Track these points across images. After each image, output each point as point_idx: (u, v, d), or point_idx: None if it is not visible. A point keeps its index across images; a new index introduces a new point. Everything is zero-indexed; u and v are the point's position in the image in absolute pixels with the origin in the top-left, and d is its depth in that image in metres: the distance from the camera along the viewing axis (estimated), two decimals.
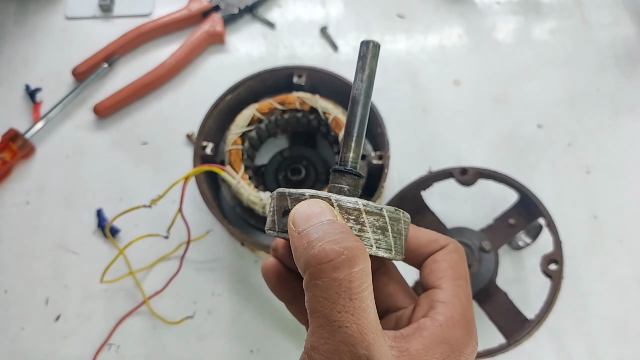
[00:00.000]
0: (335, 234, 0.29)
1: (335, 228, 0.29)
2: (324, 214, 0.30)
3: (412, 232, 0.36)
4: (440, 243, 0.36)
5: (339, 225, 0.30)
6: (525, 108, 0.79)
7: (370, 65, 0.35)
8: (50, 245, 0.74)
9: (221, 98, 0.72)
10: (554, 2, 0.86)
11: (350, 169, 0.34)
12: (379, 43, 0.34)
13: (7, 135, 0.77)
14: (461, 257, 0.36)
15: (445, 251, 0.36)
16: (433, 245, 0.36)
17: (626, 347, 0.65)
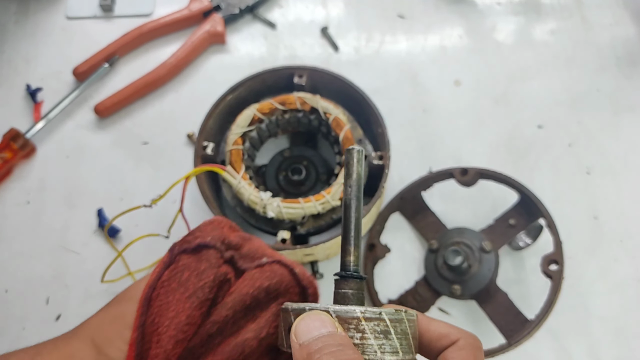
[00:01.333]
0: (334, 346, 0.29)
1: (334, 340, 0.30)
2: (324, 326, 0.31)
3: (423, 326, 0.35)
4: (451, 338, 0.35)
5: (339, 337, 0.30)
6: (526, 108, 0.79)
7: (356, 170, 0.36)
8: (50, 245, 0.74)
9: (222, 98, 0.73)
10: (554, 3, 0.86)
11: (352, 273, 0.35)
12: (362, 149, 0.36)
13: (7, 135, 0.77)
14: (474, 353, 0.34)
15: (455, 348, 0.34)
16: (444, 340, 0.35)
17: (626, 347, 0.65)
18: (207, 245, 0.40)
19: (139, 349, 0.37)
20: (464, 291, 0.65)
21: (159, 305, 0.38)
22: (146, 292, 0.39)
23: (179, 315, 0.37)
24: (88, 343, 0.38)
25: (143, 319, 0.38)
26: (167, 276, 0.39)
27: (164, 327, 0.37)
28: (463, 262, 0.64)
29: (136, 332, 0.37)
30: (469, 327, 0.67)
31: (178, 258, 0.39)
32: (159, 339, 0.37)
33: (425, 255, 0.69)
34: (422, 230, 0.72)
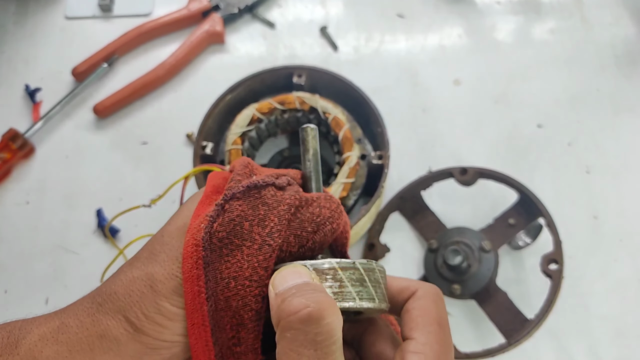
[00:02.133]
0: (306, 291, 0.30)
1: (308, 286, 0.30)
2: (300, 277, 0.31)
3: (387, 282, 0.36)
4: (410, 290, 0.35)
5: (313, 284, 0.31)
6: (525, 108, 0.79)
7: (312, 145, 0.38)
8: (50, 245, 0.74)
9: (221, 98, 0.72)
10: (554, 2, 0.86)
11: None
12: (315, 126, 0.39)
13: (6, 135, 0.77)
14: (433, 300, 0.34)
15: (414, 298, 0.35)
16: (404, 293, 0.35)
17: (626, 347, 0.65)
18: (257, 184, 0.34)
19: (214, 321, 0.31)
20: (464, 291, 0.65)
21: (227, 268, 0.32)
22: (203, 255, 0.32)
23: (256, 269, 0.32)
24: (120, 319, 0.32)
25: (212, 287, 0.32)
26: (223, 231, 0.32)
27: (241, 282, 0.31)
28: (463, 261, 0.64)
29: (206, 304, 0.31)
30: (469, 326, 0.67)
31: (228, 207, 0.33)
32: (240, 266, 0.31)
33: (425, 255, 0.69)
34: (421, 229, 0.71)
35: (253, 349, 0.32)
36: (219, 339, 0.32)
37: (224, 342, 0.32)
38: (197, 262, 0.32)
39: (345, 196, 0.66)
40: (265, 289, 0.32)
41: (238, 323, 0.32)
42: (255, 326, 0.32)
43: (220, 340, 0.32)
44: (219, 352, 0.32)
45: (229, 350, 0.32)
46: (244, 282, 0.32)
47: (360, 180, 0.67)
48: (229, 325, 0.32)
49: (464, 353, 0.62)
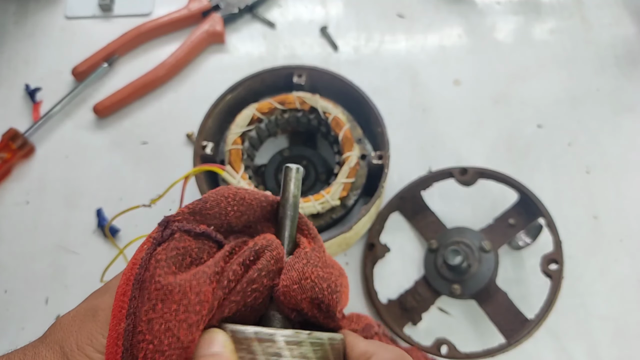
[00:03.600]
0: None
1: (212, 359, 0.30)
2: (209, 346, 0.30)
3: (349, 347, 0.34)
4: (368, 355, 0.33)
5: (220, 357, 0.30)
6: (525, 108, 0.79)
7: (292, 190, 0.35)
8: (50, 245, 0.74)
9: (221, 98, 0.72)
10: (554, 2, 0.86)
11: None
12: (301, 168, 0.36)
13: (6, 135, 0.77)
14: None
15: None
16: (362, 358, 0.33)
17: (626, 347, 0.65)
18: (212, 237, 0.33)
19: (127, 343, 0.29)
20: (464, 291, 0.65)
21: (157, 289, 0.29)
22: (136, 273, 0.30)
23: (188, 296, 0.29)
24: (57, 351, 0.31)
25: (135, 305, 0.29)
26: (164, 255, 0.31)
27: (171, 312, 0.29)
28: (463, 261, 0.64)
29: (124, 321, 0.29)
30: (469, 326, 0.67)
31: (179, 236, 0.32)
32: (167, 327, 0.29)
33: (425, 255, 0.69)
34: (421, 229, 0.71)
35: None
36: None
37: (135, 346, 0.29)
38: (125, 287, 0.30)
39: (345, 196, 0.66)
40: (194, 316, 0.30)
41: (166, 328, 0.29)
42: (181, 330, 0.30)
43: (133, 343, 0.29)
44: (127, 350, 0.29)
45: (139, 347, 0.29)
46: (175, 304, 0.30)
47: (360, 180, 0.67)
48: (155, 331, 0.29)
49: (464, 353, 0.62)
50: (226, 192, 0.35)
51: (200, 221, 0.33)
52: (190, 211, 0.33)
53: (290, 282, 0.33)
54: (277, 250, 0.33)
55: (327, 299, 0.34)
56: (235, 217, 0.34)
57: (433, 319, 0.67)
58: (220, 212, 0.34)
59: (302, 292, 0.33)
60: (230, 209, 0.34)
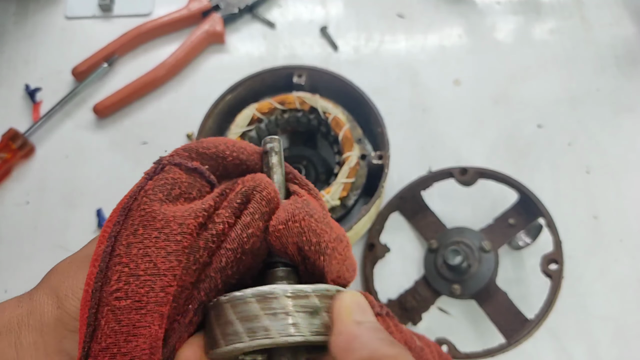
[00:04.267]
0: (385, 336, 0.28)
1: (379, 330, 0.28)
2: (366, 313, 0.29)
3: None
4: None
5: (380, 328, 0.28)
6: (525, 108, 0.79)
7: (275, 149, 0.33)
8: (50, 245, 0.74)
9: (221, 98, 0.72)
10: (554, 2, 0.86)
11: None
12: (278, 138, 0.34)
13: (7, 135, 0.77)
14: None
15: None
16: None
17: (626, 347, 0.65)
18: (204, 175, 0.32)
19: (103, 264, 0.28)
20: (464, 291, 0.65)
21: (141, 215, 0.29)
22: (125, 201, 0.30)
23: (170, 225, 0.29)
24: (51, 295, 0.30)
25: (117, 229, 0.29)
26: (152, 185, 0.30)
27: (151, 239, 0.28)
28: (463, 261, 0.64)
29: (104, 243, 0.29)
30: (469, 326, 0.67)
31: (168, 168, 0.31)
32: (145, 252, 0.28)
33: (425, 255, 0.69)
34: (421, 229, 0.71)
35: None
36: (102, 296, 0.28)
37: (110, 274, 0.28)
38: (113, 214, 0.30)
39: (345, 196, 0.66)
40: (175, 245, 0.28)
41: (144, 254, 0.28)
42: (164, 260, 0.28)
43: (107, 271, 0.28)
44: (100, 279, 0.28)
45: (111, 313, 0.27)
46: (156, 232, 0.29)
47: (360, 180, 0.67)
48: (135, 256, 0.28)
49: (464, 353, 0.62)
50: (226, 139, 0.33)
51: (195, 159, 0.32)
52: (184, 148, 0.32)
53: (276, 222, 0.30)
54: (267, 190, 0.31)
55: (312, 255, 0.31)
56: (233, 163, 0.33)
57: (433, 319, 0.67)
58: (217, 154, 0.32)
59: (289, 235, 0.30)
60: (229, 154, 0.33)
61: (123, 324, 0.27)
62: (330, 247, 0.31)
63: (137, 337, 0.27)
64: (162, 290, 0.27)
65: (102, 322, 0.27)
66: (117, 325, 0.27)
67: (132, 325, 0.27)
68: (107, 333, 0.27)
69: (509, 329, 0.62)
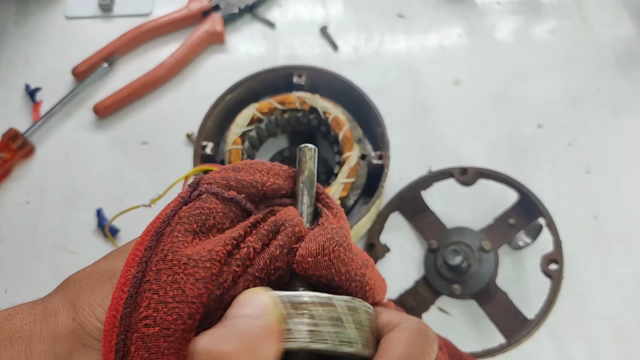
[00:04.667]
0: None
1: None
2: (254, 306, 0.28)
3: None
4: (390, 326, 0.31)
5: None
6: (525, 108, 0.79)
7: (308, 167, 0.34)
8: (50, 245, 0.74)
9: (221, 98, 0.72)
10: (554, 2, 0.86)
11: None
12: (315, 147, 0.34)
13: (6, 135, 0.77)
14: (410, 336, 0.30)
15: (393, 331, 0.30)
16: (384, 331, 0.31)
17: (626, 347, 0.65)
18: (240, 205, 0.32)
19: (133, 290, 0.28)
20: (464, 291, 0.65)
21: (172, 242, 0.29)
22: (158, 226, 0.30)
23: (200, 251, 0.29)
24: (67, 306, 0.30)
25: (148, 255, 0.29)
26: (187, 213, 0.30)
27: (180, 265, 0.28)
28: (463, 261, 0.64)
29: (135, 268, 0.29)
30: (469, 326, 0.67)
31: (205, 197, 0.31)
32: (174, 279, 0.28)
33: (425, 255, 0.69)
34: (421, 229, 0.71)
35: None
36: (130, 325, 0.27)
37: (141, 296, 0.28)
38: (144, 237, 0.30)
39: (345, 196, 0.66)
40: (205, 271, 0.28)
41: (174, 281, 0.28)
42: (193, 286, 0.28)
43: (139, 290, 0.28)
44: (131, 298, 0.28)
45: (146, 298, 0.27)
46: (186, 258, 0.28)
47: (360, 180, 0.67)
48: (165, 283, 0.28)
49: None
50: (261, 165, 0.34)
51: (233, 188, 0.32)
52: (222, 177, 0.32)
53: (305, 253, 0.30)
54: (299, 227, 0.31)
55: (344, 285, 0.31)
56: (271, 189, 0.33)
57: (433, 319, 0.67)
58: (254, 182, 0.32)
59: (316, 269, 0.30)
60: (266, 180, 0.33)
61: (152, 351, 0.27)
62: (360, 274, 0.32)
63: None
64: (190, 318, 0.27)
65: (132, 349, 0.27)
66: (147, 352, 0.27)
67: (161, 352, 0.27)
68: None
69: (509, 329, 0.62)
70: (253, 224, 0.31)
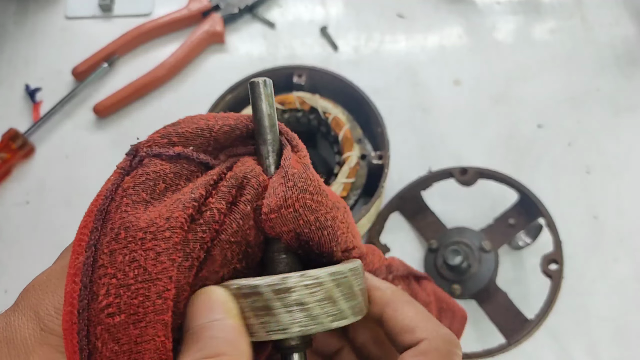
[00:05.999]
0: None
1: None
2: (210, 311, 0.26)
3: (390, 312, 0.29)
4: (416, 336, 0.28)
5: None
6: (525, 108, 0.79)
7: (258, 105, 0.29)
8: (50, 245, 0.74)
9: (221, 98, 0.72)
10: (554, 2, 0.86)
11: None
12: (266, 79, 0.29)
13: (7, 135, 0.77)
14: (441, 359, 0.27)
15: (416, 352, 0.27)
16: (407, 336, 0.28)
17: (626, 347, 0.65)
18: (192, 159, 0.28)
19: (86, 278, 0.25)
20: (464, 291, 0.65)
21: (122, 217, 0.25)
22: (100, 203, 0.27)
23: (156, 221, 0.25)
24: (31, 317, 0.27)
25: (96, 237, 0.26)
26: (132, 183, 0.27)
27: (137, 241, 0.25)
28: (463, 261, 0.64)
29: (83, 254, 0.25)
30: (469, 326, 0.67)
31: (147, 161, 0.28)
32: (132, 257, 0.25)
33: (425, 255, 0.69)
34: (421, 230, 0.71)
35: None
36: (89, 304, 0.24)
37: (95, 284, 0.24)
38: (87, 219, 0.27)
39: (345, 196, 0.66)
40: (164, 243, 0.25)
41: (120, 284, 0.24)
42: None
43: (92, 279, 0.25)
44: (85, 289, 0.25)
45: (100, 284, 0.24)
46: (139, 233, 0.25)
47: (360, 180, 0.67)
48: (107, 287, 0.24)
49: (464, 353, 0.62)
50: (202, 115, 0.30)
51: (177, 144, 0.28)
52: (161, 134, 0.29)
53: (267, 210, 0.27)
54: (262, 176, 0.28)
55: (315, 235, 0.28)
56: (222, 132, 0.29)
57: None
58: (200, 129, 0.28)
59: (283, 224, 0.27)
60: (213, 124, 0.29)
61: (123, 342, 0.24)
62: (330, 218, 0.28)
63: (142, 353, 0.24)
64: (158, 297, 0.24)
65: (98, 345, 0.24)
66: (116, 345, 0.24)
67: (133, 342, 0.24)
68: (107, 355, 0.24)
69: (509, 329, 0.62)
70: (215, 180, 0.27)
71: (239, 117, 0.30)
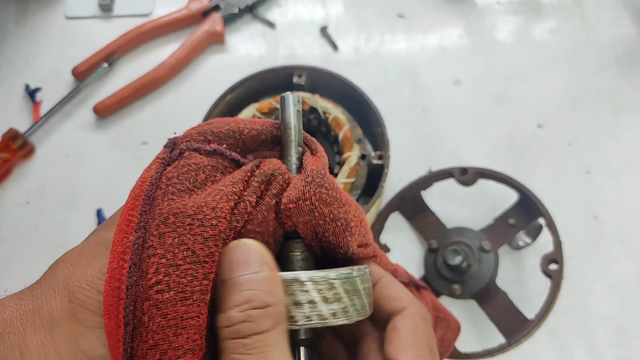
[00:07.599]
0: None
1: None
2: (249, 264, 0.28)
3: (384, 282, 0.33)
4: (401, 304, 0.32)
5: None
6: (525, 108, 0.79)
7: (287, 117, 0.32)
8: (50, 245, 0.74)
9: (221, 98, 0.72)
10: (554, 2, 0.86)
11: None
12: (297, 95, 0.32)
13: (7, 135, 0.77)
14: (423, 321, 0.32)
15: (403, 316, 0.32)
16: (393, 304, 0.32)
17: (626, 347, 0.65)
18: (226, 155, 0.30)
19: (136, 257, 0.26)
20: (464, 291, 0.65)
21: (170, 204, 0.27)
22: (147, 189, 0.28)
23: (203, 210, 0.27)
24: (59, 289, 0.28)
25: (145, 219, 0.27)
26: (175, 172, 0.29)
27: (185, 226, 0.27)
28: (463, 261, 0.64)
29: (133, 234, 0.27)
30: (469, 326, 0.67)
31: (188, 154, 0.30)
32: (181, 240, 0.26)
33: (425, 255, 0.69)
34: (421, 229, 0.71)
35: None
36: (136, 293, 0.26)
37: (145, 261, 0.26)
38: (134, 203, 0.28)
39: None
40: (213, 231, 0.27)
41: (170, 264, 0.26)
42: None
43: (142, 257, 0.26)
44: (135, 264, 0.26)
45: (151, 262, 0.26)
46: (190, 219, 0.27)
47: (360, 180, 0.67)
48: (156, 265, 0.26)
49: (464, 353, 0.62)
50: (233, 118, 0.32)
51: (212, 141, 0.31)
52: (198, 132, 0.31)
53: (287, 201, 0.29)
54: (287, 174, 0.30)
55: (329, 226, 0.30)
56: (250, 136, 0.31)
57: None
58: (232, 130, 0.31)
59: (300, 214, 0.29)
60: (243, 127, 0.31)
61: (170, 317, 0.25)
62: (343, 212, 0.31)
63: (187, 329, 0.26)
64: (205, 278, 0.26)
65: (144, 319, 0.25)
66: (164, 319, 0.25)
67: (180, 317, 0.26)
68: (154, 329, 0.25)
69: (509, 329, 0.62)
70: (249, 176, 0.30)
71: (265, 123, 0.32)
